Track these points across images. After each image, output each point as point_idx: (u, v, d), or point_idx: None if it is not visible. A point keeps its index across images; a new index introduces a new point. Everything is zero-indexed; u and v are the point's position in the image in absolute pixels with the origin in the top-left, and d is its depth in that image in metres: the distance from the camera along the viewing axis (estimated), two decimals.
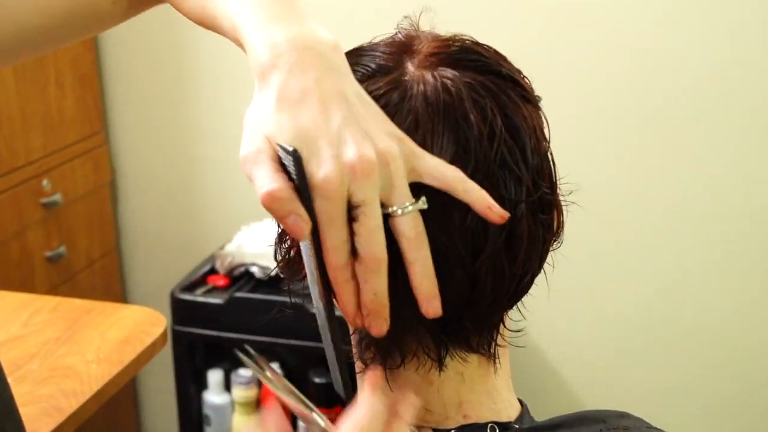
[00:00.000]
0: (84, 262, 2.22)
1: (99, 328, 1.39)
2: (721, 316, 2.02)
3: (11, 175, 1.96)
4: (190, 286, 1.95)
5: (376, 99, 0.55)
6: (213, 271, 2.01)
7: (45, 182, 2.06)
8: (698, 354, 2.05)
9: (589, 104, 1.97)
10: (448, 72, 0.57)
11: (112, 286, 2.34)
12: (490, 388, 0.64)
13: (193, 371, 1.98)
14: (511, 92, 0.58)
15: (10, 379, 1.25)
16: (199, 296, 1.92)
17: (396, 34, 0.63)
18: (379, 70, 0.58)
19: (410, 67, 0.58)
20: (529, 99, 0.60)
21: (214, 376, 1.97)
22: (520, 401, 0.69)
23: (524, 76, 0.62)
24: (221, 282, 1.95)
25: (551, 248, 0.66)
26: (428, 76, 0.57)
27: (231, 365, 1.98)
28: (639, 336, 2.08)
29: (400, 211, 0.51)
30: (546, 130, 0.62)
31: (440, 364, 0.60)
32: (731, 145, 1.92)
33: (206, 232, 2.28)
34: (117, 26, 0.79)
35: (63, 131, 2.13)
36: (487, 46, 0.62)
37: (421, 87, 0.56)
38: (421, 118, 0.55)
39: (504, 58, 0.62)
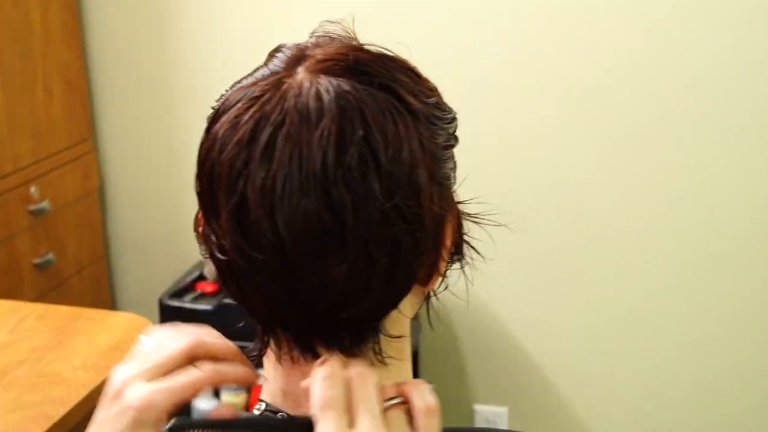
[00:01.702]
0: (73, 268, 2.22)
1: (87, 335, 1.39)
2: (711, 319, 2.02)
3: None
4: (179, 293, 1.95)
5: (255, 99, 0.58)
6: (202, 277, 2.00)
7: (33, 189, 2.05)
8: (688, 358, 2.06)
9: (582, 107, 1.98)
10: (331, 80, 0.59)
11: (101, 293, 2.33)
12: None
13: None
14: (389, 106, 0.59)
15: None
16: (187, 302, 1.92)
17: (308, 39, 0.65)
18: (272, 74, 0.61)
19: (299, 71, 0.60)
20: (417, 115, 0.60)
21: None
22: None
23: (426, 95, 0.62)
24: (210, 288, 1.95)
25: (447, 263, 0.67)
26: (307, 83, 0.59)
27: None
28: (628, 339, 2.08)
29: None
30: (439, 150, 0.62)
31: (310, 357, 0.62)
32: (725, 149, 1.93)
33: (195, 239, 2.28)
34: (106, 31, 0.79)
35: (51, 138, 2.12)
36: (392, 59, 0.63)
37: (296, 90, 0.58)
38: (289, 120, 0.57)
39: (406, 73, 0.62)
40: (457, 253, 0.69)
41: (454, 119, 0.65)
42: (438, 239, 0.64)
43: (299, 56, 0.62)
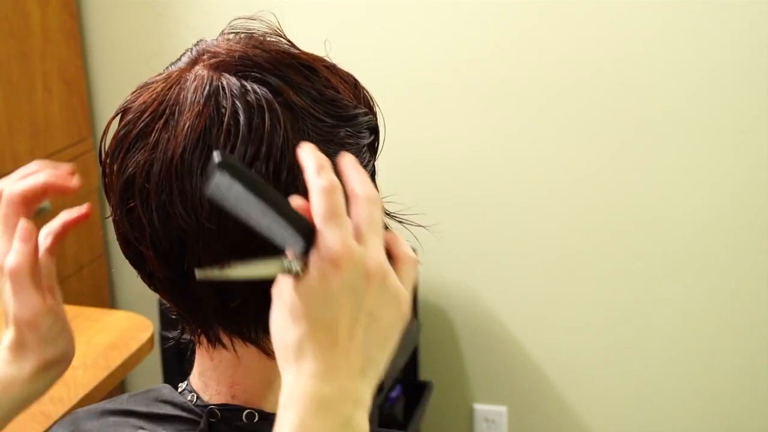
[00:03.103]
0: (72, 267, 2.22)
1: (86, 334, 1.39)
2: (713, 320, 2.03)
3: None
4: None
5: (151, 93, 0.62)
6: None
7: None
8: (689, 358, 2.06)
9: (585, 108, 1.98)
10: (214, 75, 0.61)
11: (101, 292, 2.33)
12: (271, 378, 0.67)
13: (181, 376, 1.97)
14: (263, 101, 0.60)
15: None
16: None
17: (219, 36, 0.68)
18: (177, 69, 0.64)
19: (197, 68, 0.63)
20: (295, 111, 0.61)
21: None
22: None
23: (319, 92, 0.63)
24: None
25: None
26: (193, 77, 0.62)
27: None
28: (628, 338, 2.08)
29: None
30: (332, 145, 0.63)
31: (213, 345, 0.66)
32: (726, 150, 1.93)
33: None
34: (105, 30, 0.81)
35: (50, 137, 2.12)
36: (288, 56, 0.64)
37: (183, 85, 0.62)
38: (169, 111, 0.61)
39: (298, 70, 0.63)
40: None
41: (356, 116, 0.65)
42: None
43: (201, 52, 0.65)
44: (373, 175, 0.69)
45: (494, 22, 1.97)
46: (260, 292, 0.61)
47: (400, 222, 0.72)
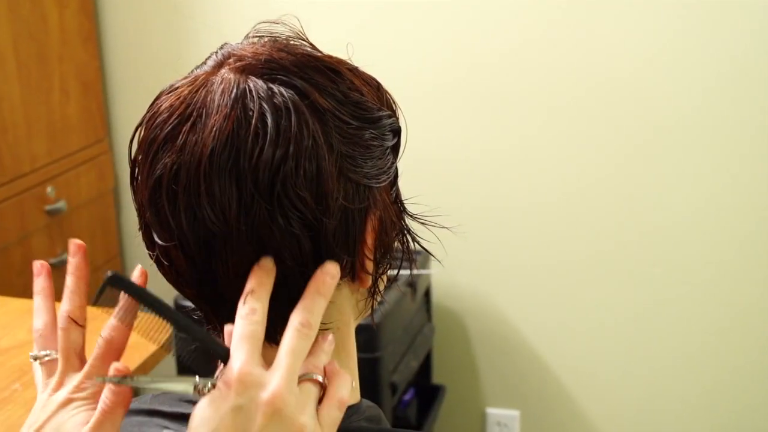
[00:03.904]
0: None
1: None
2: (727, 325, 2.02)
3: (16, 182, 1.97)
4: None
5: (178, 96, 0.62)
6: None
7: (49, 189, 2.06)
8: (702, 362, 2.06)
9: (592, 109, 1.98)
10: (241, 78, 0.62)
11: None
12: None
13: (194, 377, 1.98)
14: (290, 103, 0.61)
15: (17, 385, 1.26)
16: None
17: (243, 40, 0.69)
18: (203, 73, 0.64)
19: (222, 71, 0.63)
20: (322, 114, 0.62)
21: None
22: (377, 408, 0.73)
23: (344, 95, 0.64)
24: None
25: (374, 262, 0.67)
26: (220, 80, 0.62)
27: None
28: (641, 343, 2.08)
29: None
30: (357, 147, 0.63)
31: None
32: (736, 154, 1.93)
33: None
34: (122, 33, 0.82)
35: (67, 138, 2.14)
36: (313, 59, 0.65)
37: (210, 88, 0.62)
38: (196, 114, 0.61)
39: (323, 72, 0.64)
40: (386, 253, 0.68)
41: (380, 119, 0.66)
42: (350, 236, 0.64)
43: (227, 56, 0.65)
44: (395, 178, 0.70)
45: (517, 26, 1.97)
46: (285, 293, 0.62)
47: (422, 224, 0.73)
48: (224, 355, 0.57)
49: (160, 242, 0.64)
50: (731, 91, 1.89)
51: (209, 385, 0.57)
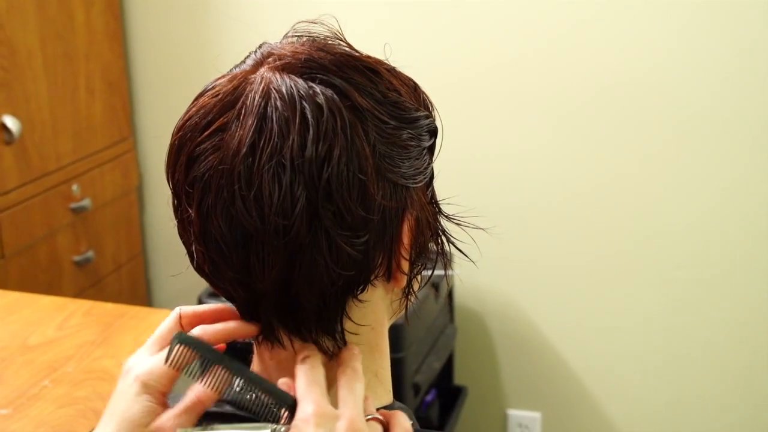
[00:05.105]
0: (111, 266, 2.24)
1: (132, 332, 1.40)
2: (750, 327, 2.01)
3: (42, 180, 1.98)
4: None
5: (217, 93, 0.63)
6: None
7: (75, 187, 2.08)
8: (725, 365, 2.05)
9: (611, 110, 1.98)
10: (282, 78, 0.62)
11: (138, 291, 2.36)
12: (329, 378, 0.68)
13: None
14: (330, 103, 0.61)
15: (46, 381, 1.26)
16: (227, 302, 1.93)
17: (282, 39, 0.69)
18: (241, 72, 0.64)
19: (261, 70, 0.64)
20: (362, 113, 0.62)
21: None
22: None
23: (383, 95, 0.64)
24: None
25: (410, 262, 0.67)
26: (260, 80, 0.62)
27: None
28: (664, 346, 2.07)
29: None
30: (395, 147, 0.64)
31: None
32: (754, 150, 1.92)
33: None
34: (147, 33, 0.82)
35: (92, 137, 2.15)
36: (352, 58, 0.65)
37: (250, 87, 0.62)
38: (235, 114, 0.61)
39: (362, 72, 0.64)
40: (422, 253, 0.69)
41: (417, 119, 0.66)
42: (387, 236, 0.64)
43: (266, 55, 0.65)
44: (431, 179, 0.70)
45: (555, 26, 1.97)
46: (322, 292, 0.62)
47: (458, 224, 0.73)
48: (292, 402, 0.61)
49: (196, 239, 0.64)
50: (751, 88, 1.88)
51: (282, 429, 0.60)
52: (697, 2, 1.86)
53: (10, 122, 1.85)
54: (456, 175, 2.04)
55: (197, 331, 0.66)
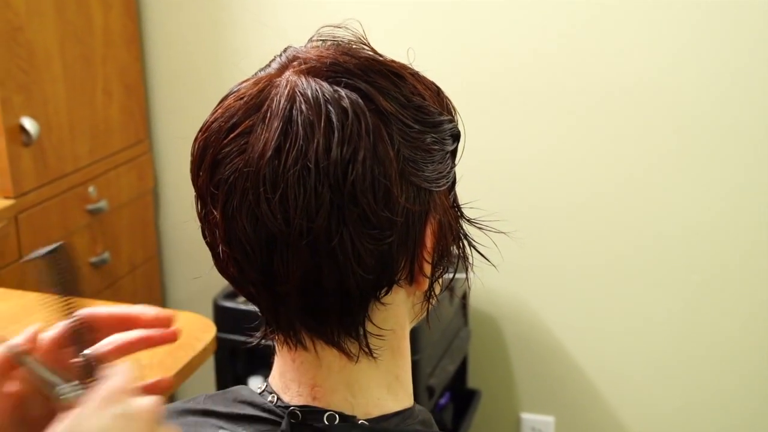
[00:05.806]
0: (126, 267, 2.25)
1: None
2: (760, 326, 2.01)
3: (59, 181, 1.99)
4: (233, 294, 1.97)
5: (242, 96, 0.64)
6: None
7: (91, 189, 2.09)
8: (740, 370, 2.04)
9: (620, 115, 1.97)
10: (307, 81, 0.62)
11: (153, 292, 2.37)
12: (351, 380, 0.68)
13: (234, 378, 2.00)
14: (355, 106, 0.61)
15: None
16: (241, 304, 1.94)
17: (307, 43, 0.69)
18: (266, 75, 0.65)
19: (287, 73, 0.64)
20: (386, 117, 0.62)
21: (255, 383, 1.99)
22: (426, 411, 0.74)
23: (406, 99, 0.65)
24: None
25: (432, 265, 0.68)
26: (285, 83, 0.63)
27: None
28: (679, 350, 2.07)
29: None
30: (419, 151, 0.64)
31: (298, 345, 0.67)
32: (761, 153, 1.92)
33: None
34: (164, 36, 0.82)
35: (109, 139, 2.16)
36: (376, 62, 0.65)
37: (276, 91, 0.63)
38: (261, 116, 0.62)
39: (386, 76, 0.65)
40: (443, 256, 0.69)
41: (441, 123, 0.66)
42: (410, 239, 0.64)
43: (291, 58, 0.66)
44: (453, 183, 0.70)
45: (575, 30, 1.97)
46: (345, 295, 0.63)
47: (480, 228, 0.73)
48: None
49: (221, 240, 0.64)
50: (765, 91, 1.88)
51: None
52: (708, 8, 1.86)
53: (29, 124, 1.86)
54: (474, 179, 2.04)
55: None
